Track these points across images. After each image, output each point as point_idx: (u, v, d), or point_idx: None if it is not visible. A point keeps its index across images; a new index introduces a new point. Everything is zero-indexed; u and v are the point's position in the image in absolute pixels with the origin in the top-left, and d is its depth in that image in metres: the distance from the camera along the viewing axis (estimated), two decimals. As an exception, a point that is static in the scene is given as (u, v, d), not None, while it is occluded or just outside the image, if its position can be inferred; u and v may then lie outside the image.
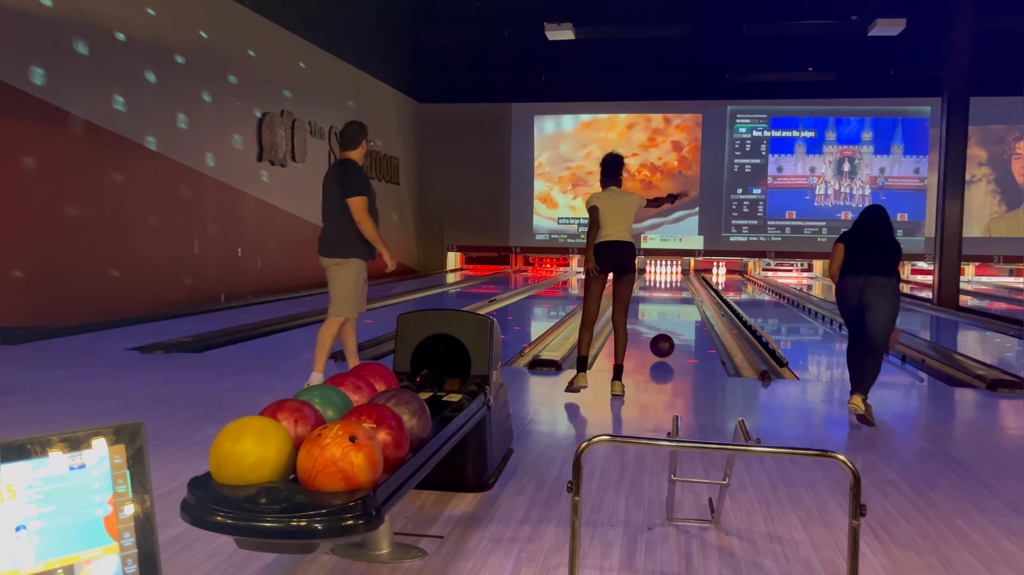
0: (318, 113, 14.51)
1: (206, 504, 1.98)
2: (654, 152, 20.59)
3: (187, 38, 10.60)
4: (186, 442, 4.02)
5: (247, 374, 6.00)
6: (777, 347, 7.49)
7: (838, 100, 19.55)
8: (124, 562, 1.10)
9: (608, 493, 3.39)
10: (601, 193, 5.47)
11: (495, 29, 16.75)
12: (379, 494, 2.06)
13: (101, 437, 1.09)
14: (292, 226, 13.49)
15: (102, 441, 1.11)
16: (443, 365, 3.53)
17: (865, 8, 14.43)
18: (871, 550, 2.82)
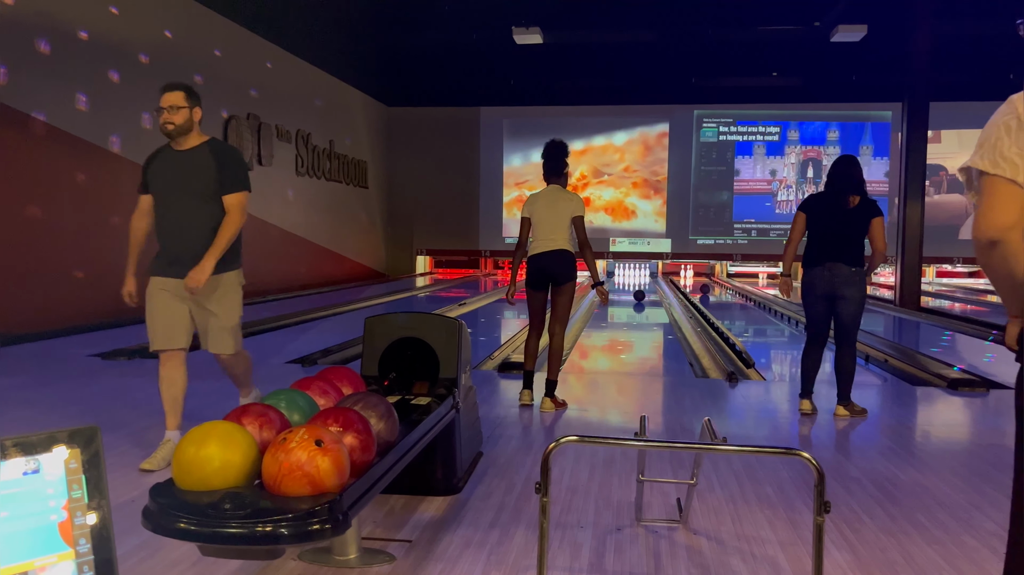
0: (285, 116, 14.38)
1: (168, 511, 1.94)
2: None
3: (151, 37, 10.45)
4: (150, 449, 3.95)
5: (213, 379, 5.90)
6: (744, 348, 7.57)
7: (804, 105, 19.82)
8: (80, 569, 1.07)
9: (577, 494, 3.40)
10: (537, 196, 5.00)
11: (463, 33, 16.74)
12: (346, 498, 2.04)
13: (56, 441, 1.07)
14: (260, 230, 13.34)
15: (58, 446, 1.08)
16: (412, 368, 3.52)
17: (827, 14, 14.67)
18: (836, 547, 2.86)
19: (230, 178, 3.81)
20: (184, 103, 3.81)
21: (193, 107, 3.85)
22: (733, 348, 7.68)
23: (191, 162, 3.78)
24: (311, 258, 15.51)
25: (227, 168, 3.80)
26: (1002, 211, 1.52)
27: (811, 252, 4.79)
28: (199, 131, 3.89)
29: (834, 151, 20.01)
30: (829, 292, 4.71)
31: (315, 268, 15.66)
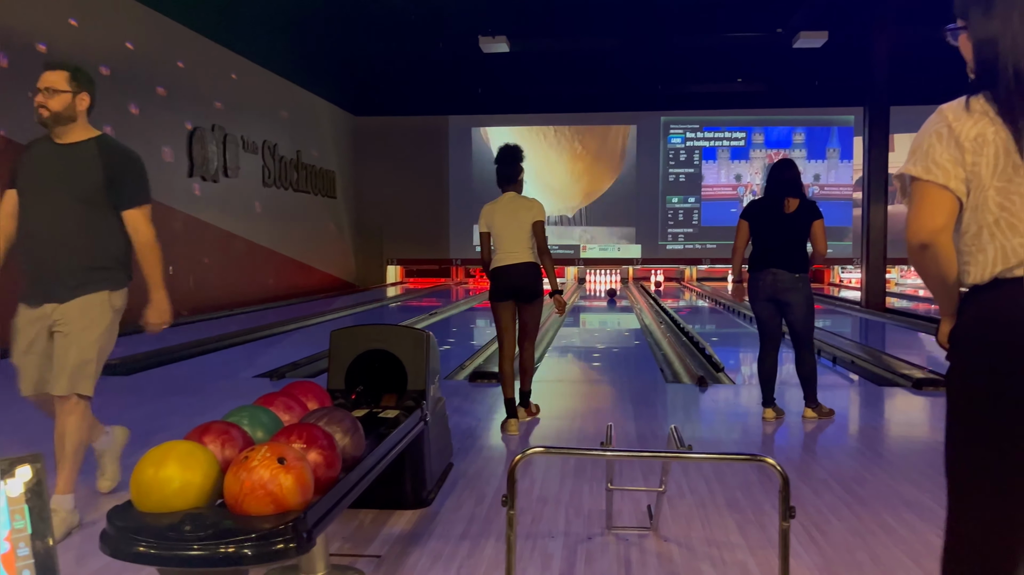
0: (250, 127, 14.25)
1: (127, 534, 1.90)
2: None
3: (112, 49, 10.30)
4: (112, 469, 3.86)
5: (178, 396, 5.83)
6: (714, 352, 7.62)
7: (769, 110, 20.08)
8: (26, 602, 1.04)
9: (548, 504, 3.39)
10: (493, 206, 4.78)
11: (430, 42, 16.74)
12: (310, 516, 2.01)
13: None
14: (226, 243, 13.20)
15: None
16: (379, 381, 3.49)
17: (789, 21, 14.88)
18: (804, 549, 2.88)
19: (131, 189, 3.16)
20: (65, 86, 3.16)
21: (78, 93, 3.20)
22: (703, 352, 7.73)
23: (71, 159, 3.12)
24: (279, 270, 15.36)
25: (126, 175, 3.15)
26: (932, 215, 1.58)
27: (755, 257, 4.85)
28: (87, 124, 3.26)
29: (800, 154, 20.26)
30: (773, 296, 4.76)
31: (283, 280, 15.51)
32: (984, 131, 1.55)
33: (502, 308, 4.76)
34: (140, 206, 3.21)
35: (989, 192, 1.55)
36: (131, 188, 3.17)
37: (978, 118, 1.57)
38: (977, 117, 1.57)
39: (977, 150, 1.56)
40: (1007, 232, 1.53)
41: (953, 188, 1.57)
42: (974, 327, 1.58)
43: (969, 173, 1.57)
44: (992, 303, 1.55)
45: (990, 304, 1.55)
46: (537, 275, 4.71)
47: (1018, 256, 1.51)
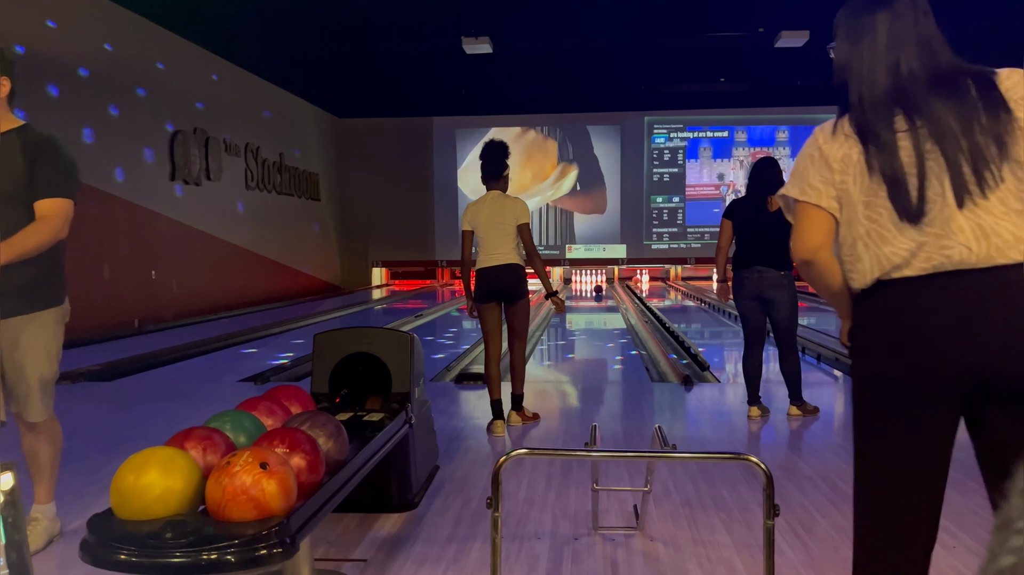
0: (233, 130, 14.17)
1: (107, 542, 1.87)
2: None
3: (91, 51, 10.21)
4: (92, 476, 3.83)
5: (160, 402, 5.77)
6: (699, 351, 7.64)
7: (752, 109, 20.18)
8: (-1, 614, 1.02)
9: (534, 505, 3.38)
10: (478, 204, 4.69)
11: (412, 43, 16.69)
12: (293, 521, 1.99)
13: (-31, 481, 1.01)
14: (209, 246, 13.11)
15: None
16: (363, 384, 3.47)
17: (771, 20, 14.95)
18: (790, 547, 2.89)
19: (44, 178, 2.77)
20: None
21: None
22: (688, 351, 7.75)
23: None
24: (264, 273, 15.28)
25: (42, 165, 2.79)
26: (811, 235, 1.74)
27: (739, 256, 4.87)
28: (8, 112, 2.91)
29: (784, 152, 20.37)
30: (758, 294, 4.78)
31: (268, 283, 15.43)
32: (849, 152, 1.70)
33: (486, 310, 4.69)
34: (54, 197, 2.78)
35: (858, 207, 1.69)
36: (46, 176, 2.78)
37: (843, 140, 1.71)
38: (842, 140, 1.72)
39: (844, 170, 1.70)
40: (878, 242, 1.66)
41: (826, 207, 1.73)
42: (864, 327, 1.72)
43: (839, 191, 1.71)
44: (877, 305, 1.68)
45: (875, 306, 1.69)
46: (520, 276, 4.64)
47: (891, 262, 1.64)
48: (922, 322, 1.61)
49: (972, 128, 1.61)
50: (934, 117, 1.63)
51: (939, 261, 1.60)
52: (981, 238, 1.58)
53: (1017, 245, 1.57)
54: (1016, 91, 1.62)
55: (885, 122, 1.67)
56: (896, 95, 1.68)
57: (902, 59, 1.69)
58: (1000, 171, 1.59)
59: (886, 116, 1.67)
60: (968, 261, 1.58)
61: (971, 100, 1.62)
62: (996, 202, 1.59)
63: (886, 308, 1.66)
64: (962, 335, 1.57)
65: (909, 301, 1.63)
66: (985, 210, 1.59)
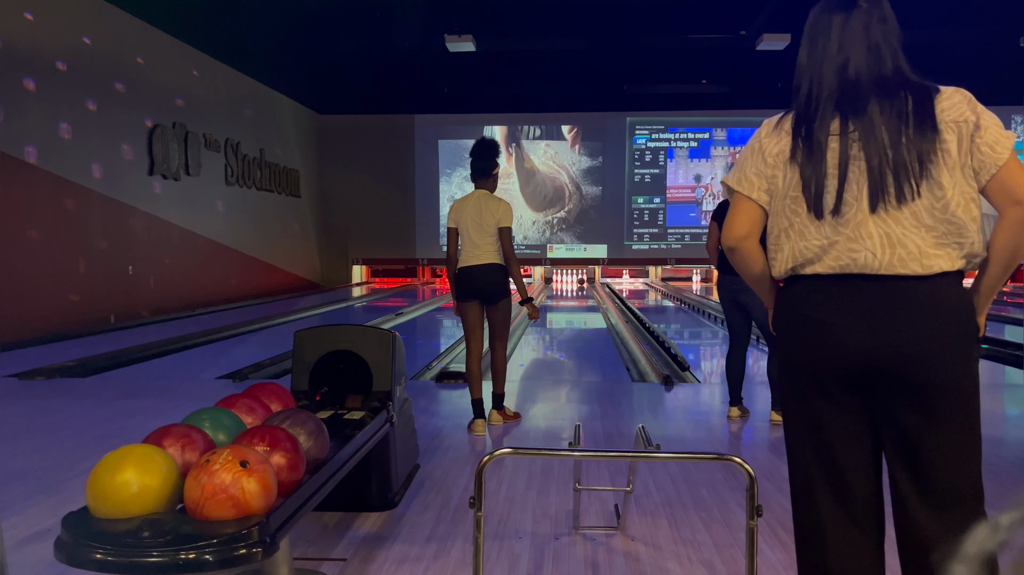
0: (213, 125, 14.03)
1: (82, 541, 1.84)
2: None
3: (69, 44, 10.07)
4: (68, 474, 3.77)
5: (138, 399, 5.70)
6: (679, 351, 7.67)
7: (733, 111, 20.29)
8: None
9: (515, 505, 3.37)
10: (463, 202, 4.69)
11: (395, 40, 16.62)
12: (273, 520, 1.97)
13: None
14: (187, 242, 12.98)
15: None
16: (344, 382, 3.44)
17: (753, 23, 15.05)
18: (770, 547, 2.90)
19: None
20: None
21: None
22: (668, 352, 7.78)
23: None
24: (242, 269, 15.15)
25: None
26: (739, 224, 1.84)
27: (722, 259, 4.87)
28: None
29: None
30: (734, 297, 4.82)
31: (247, 280, 15.30)
32: (783, 148, 1.78)
33: (467, 308, 4.68)
34: None
35: (785, 201, 1.77)
36: None
37: (782, 136, 1.79)
38: (782, 135, 1.79)
39: (776, 164, 1.78)
40: (796, 236, 1.75)
41: (756, 199, 1.82)
42: (780, 315, 1.85)
43: (771, 184, 1.80)
44: (790, 296, 1.81)
45: (789, 297, 1.81)
46: (501, 276, 4.63)
47: (804, 256, 1.74)
48: (825, 313, 1.71)
49: (899, 140, 1.66)
50: (867, 124, 1.69)
51: (846, 262, 1.69)
52: (887, 246, 1.66)
53: (920, 258, 1.65)
54: (951, 112, 1.66)
55: (821, 122, 1.73)
56: (840, 97, 1.73)
57: (851, 62, 1.74)
58: (918, 186, 1.65)
59: (824, 117, 1.73)
60: (871, 266, 1.67)
61: (904, 113, 1.67)
62: (908, 215, 1.65)
63: (797, 299, 1.78)
64: (859, 327, 1.67)
65: (817, 295, 1.73)
66: (896, 221, 1.66)
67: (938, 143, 1.65)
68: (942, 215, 1.65)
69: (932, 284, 1.65)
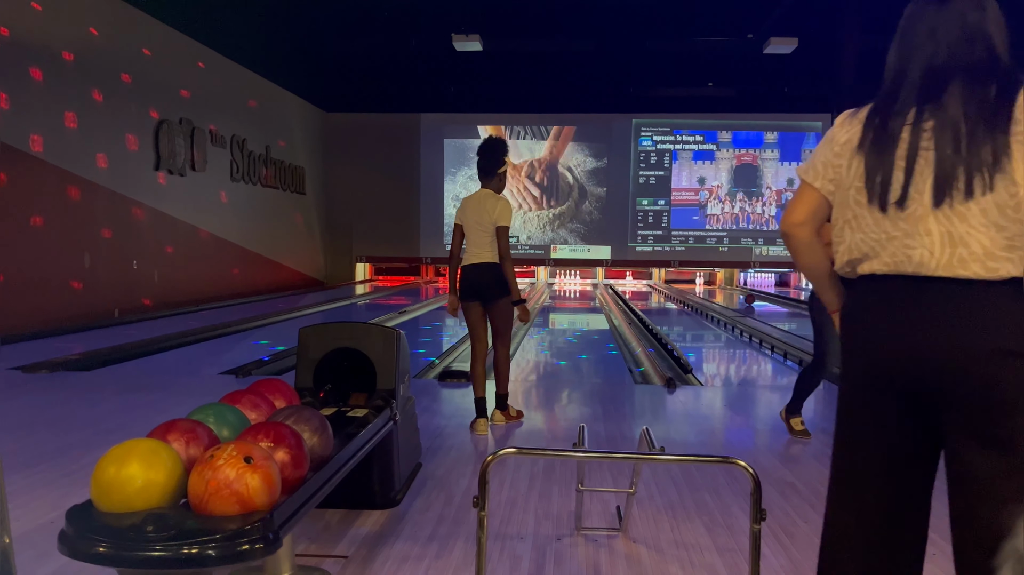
0: (219, 120, 14.04)
1: (86, 535, 1.84)
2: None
3: (75, 35, 10.08)
4: (71, 467, 3.78)
5: (141, 393, 5.71)
6: (682, 354, 7.66)
7: (739, 115, 20.26)
8: (-22, 607, 0.99)
9: (517, 505, 3.37)
10: (468, 201, 4.66)
11: (402, 39, 16.63)
12: (277, 516, 1.97)
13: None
14: (192, 237, 12.99)
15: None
16: (348, 380, 3.44)
17: (760, 27, 15.04)
18: (772, 552, 2.89)
19: None
20: None
21: None
22: (671, 354, 7.77)
23: None
24: (246, 266, 15.16)
25: None
26: (796, 210, 1.80)
27: None
28: None
29: (772, 155, 20.42)
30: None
31: (251, 276, 15.32)
32: (852, 137, 1.72)
33: (468, 308, 4.66)
34: None
35: (850, 192, 1.71)
36: None
37: (854, 124, 1.73)
38: (854, 123, 1.73)
39: (842, 153, 1.73)
40: (856, 228, 1.69)
41: (819, 187, 1.77)
42: (842, 322, 1.78)
43: (836, 174, 1.74)
44: (850, 299, 1.75)
45: (849, 300, 1.76)
46: (497, 277, 4.55)
47: (861, 250, 1.68)
48: (877, 318, 1.65)
49: (975, 131, 1.55)
50: (942, 113, 1.59)
51: (900, 259, 1.61)
52: (946, 245, 1.56)
53: (984, 260, 1.53)
54: None
55: (897, 111, 1.66)
56: (921, 87, 1.65)
57: (939, 52, 1.65)
58: (991, 180, 1.53)
59: (902, 106, 1.66)
60: (927, 265, 1.57)
61: (985, 103, 1.56)
62: (977, 212, 1.54)
63: (854, 302, 1.73)
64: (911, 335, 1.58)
65: (872, 297, 1.67)
66: (961, 218, 1.55)
67: (1013, 137, 1.52)
68: (1015, 214, 1.51)
69: (995, 291, 1.52)
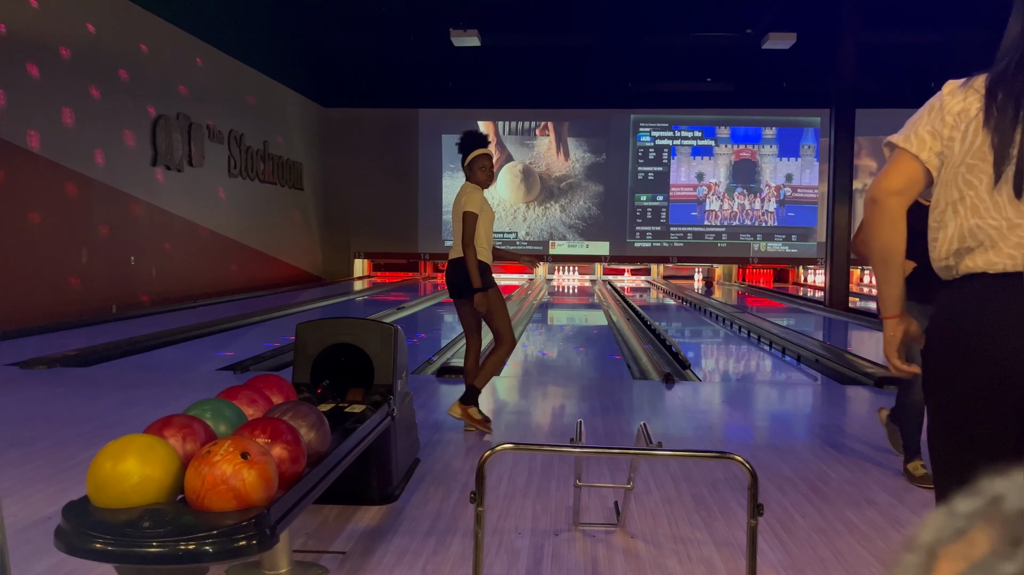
0: (217, 116, 14.01)
1: (82, 530, 1.84)
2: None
3: (72, 31, 10.05)
4: (68, 463, 3.77)
5: (138, 388, 5.70)
6: (680, 350, 7.66)
7: (738, 110, 20.23)
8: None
9: (515, 500, 3.37)
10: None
11: (400, 34, 16.60)
12: (274, 512, 1.97)
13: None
14: (190, 232, 12.97)
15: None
16: (346, 375, 3.44)
17: (759, 22, 15.02)
18: (769, 546, 2.90)
19: None
20: None
21: None
22: (670, 350, 7.77)
23: None
24: (244, 261, 15.15)
25: None
26: (892, 177, 1.60)
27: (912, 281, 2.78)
28: None
29: (771, 150, 20.38)
30: None
31: (248, 272, 15.30)
32: (969, 107, 1.52)
33: (458, 305, 4.57)
34: None
35: (960, 169, 1.52)
36: None
37: (969, 94, 1.54)
38: (969, 93, 1.54)
39: (956, 125, 1.53)
40: (968, 212, 1.49)
41: (924, 159, 1.57)
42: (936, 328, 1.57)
43: (944, 147, 1.55)
44: (954, 301, 1.53)
45: (952, 302, 1.53)
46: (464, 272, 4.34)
47: (975, 237, 1.47)
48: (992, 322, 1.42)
49: None
50: None
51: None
52: None
53: None
54: None
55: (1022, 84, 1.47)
56: None
57: None
58: None
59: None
60: None
61: None
62: None
63: (962, 303, 1.50)
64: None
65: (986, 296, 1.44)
66: None
67: None
68: None
69: None
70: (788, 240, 20.38)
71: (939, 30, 14.53)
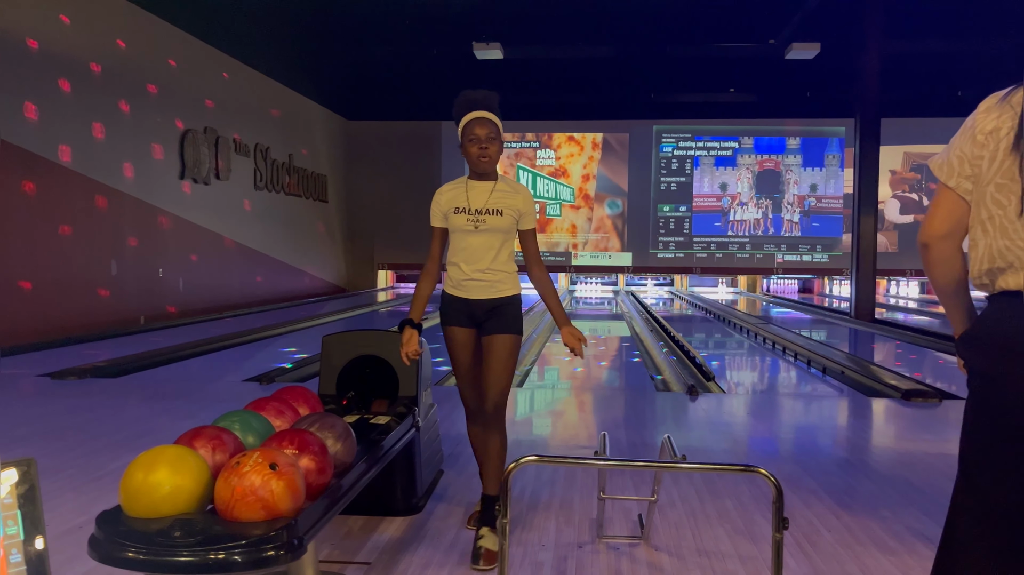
0: (243, 129, 14.21)
1: (115, 539, 1.87)
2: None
3: (103, 47, 10.26)
4: (99, 472, 3.83)
5: (166, 399, 5.78)
6: (704, 361, 7.63)
7: (761, 120, 20.15)
8: (15, 609, 1.02)
9: (539, 512, 3.38)
10: None
11: (423, 47, 16.73)
12: (301, 522, 2.00)
13: (-11, 476, 1.02)
14: (216, 244, 13.14)
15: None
16: (370, 387, 3.47)
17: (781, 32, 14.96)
18: (795, 561, 2.88)
19: None
20: None
21: None
22: (693, 361, 7.74)
23: None
24: (270, 273, 15.31)
25: None
26: (938, 220, 1.57)
27: None
28: None
29: (795, 160, 20.24)
30: None
31: (274, 283, 15.46)
32: (1002, 125, 1.48)
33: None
34: None
35: (989, 188, 1.49)
36: None
37: (1004, 110, 1.50)
38: (1004, 110, 1.50)
39: (986, 143, 1.50)
40: (997, 233, 1.47)
41: (954, 186, 1.55)
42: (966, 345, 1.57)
43: (974, 169, 1.52)
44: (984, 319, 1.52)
45: (982, 320, 1.52)
46: None
47: (1005, 258, 1.45)
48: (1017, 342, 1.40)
49: None
50: None
51: None
52: None
53: None
54: None
55: None
56: None
57: None
58: None
59: None
60: None
61: None
62: None
63: (989, 322, 1.49)
64: None
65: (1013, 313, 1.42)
66: None
67: None
68: None
69: None
70: (813, 251, 20.22)
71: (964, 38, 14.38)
